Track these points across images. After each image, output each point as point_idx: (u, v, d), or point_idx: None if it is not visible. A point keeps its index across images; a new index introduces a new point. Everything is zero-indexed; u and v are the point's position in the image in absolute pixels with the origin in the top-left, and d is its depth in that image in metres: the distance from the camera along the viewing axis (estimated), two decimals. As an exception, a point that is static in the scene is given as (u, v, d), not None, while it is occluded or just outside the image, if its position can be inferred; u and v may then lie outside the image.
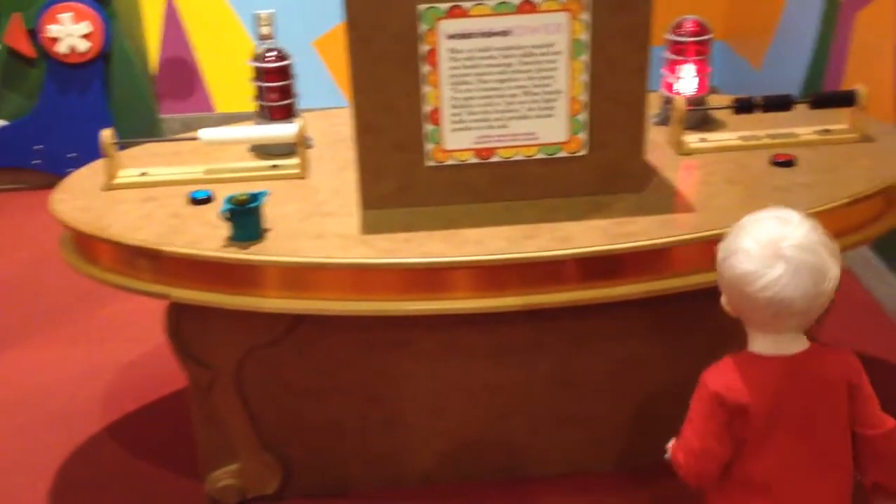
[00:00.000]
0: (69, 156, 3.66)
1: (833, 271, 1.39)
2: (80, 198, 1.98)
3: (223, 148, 2.14)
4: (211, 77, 4.18)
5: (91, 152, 2.08)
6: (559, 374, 2.03)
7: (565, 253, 1.74)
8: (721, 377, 1.45)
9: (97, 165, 2.08)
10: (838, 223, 1.87)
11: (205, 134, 2.03)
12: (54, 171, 3.71)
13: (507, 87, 1.84)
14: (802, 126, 2.15)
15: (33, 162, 3.75)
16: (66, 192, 2.01)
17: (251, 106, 2.18)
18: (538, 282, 1.76)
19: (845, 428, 1.47)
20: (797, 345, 1.45)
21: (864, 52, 2.94)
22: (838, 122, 2.15)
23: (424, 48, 1.79)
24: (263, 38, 2.17)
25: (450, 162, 1.89)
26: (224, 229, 1.79)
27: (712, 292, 1.73)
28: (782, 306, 1.37)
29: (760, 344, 1.46)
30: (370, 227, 1.85)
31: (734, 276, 1.39)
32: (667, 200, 1.90)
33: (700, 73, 2.19)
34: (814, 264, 1.36)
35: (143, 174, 2.06)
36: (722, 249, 1.44)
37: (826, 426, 1.46)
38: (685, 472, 1.49)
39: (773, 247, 1.36)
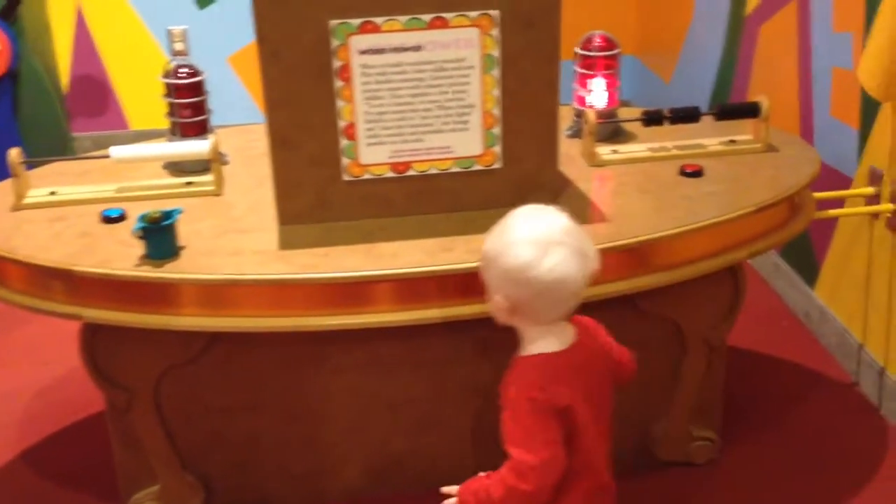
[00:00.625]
0: (-23, 176, 3.57)
1: (594, 251, 1.51)
2: (-13, 218, 1.93)
3: (135, 166, 2.11)
4: (124, 94, 4.11)
5: (0, 172, 2.04)
6: (479, 384, 2.04)
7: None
8: (539, 385, 1.49)
9: (5, 185, 2.03)
10: (746, 230, 1.94)
11: (116, 151, 2.00)
12: (-39, 193, 3.61)
13: (420, 101, 1.86)
14: (709, 137, 2.22)
15: (-61, 183, 3.64)
16: (-28, 213, 1.96)
17: (167, 123, 2.15)
18: (456, 293, 1.78)
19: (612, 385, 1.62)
20: (570, 329, 1.56)
21: (767, 65, 3.05)
22: (743, 132, 2.23)
23: (337, 63, 1.80)
24: (177, 54, 2.15)
25: (366, 176, 1.90)
26: (138, 248, 1.76)
27: (630, 300, 1.78)
28: (565, 287, 1.46)
29: (543, 343, 1.53)
30: (287, 242, 1.85)
31: (515, 266, 1.45)
32: (581, 211, 1.94)
33: (610, 86, 2.24)
34: (583, 246, 1.48)
35: (53, 193, 2.02)
36: (492, 248, 1.51)
37: (605, 391, 1.60)
38: (524, 496, 1.48)
39: (548, 234, 1.46)
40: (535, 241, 1.45)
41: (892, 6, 2.10)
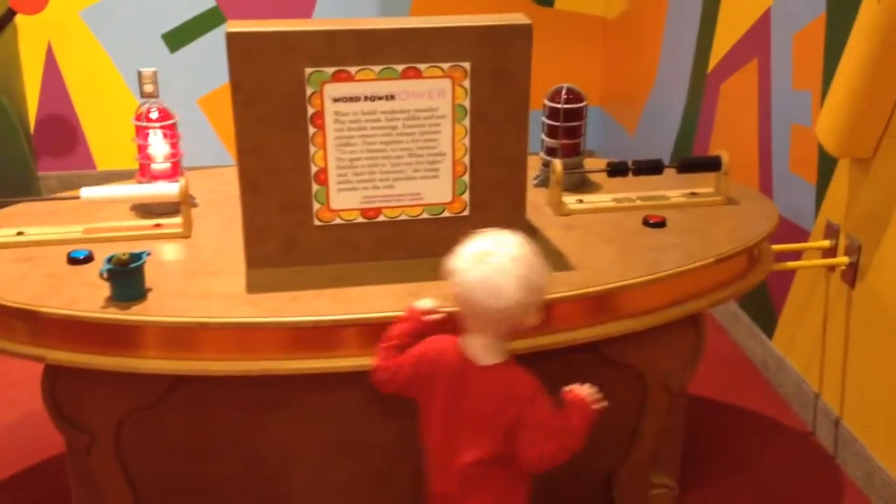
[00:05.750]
0: (-61, 213, 3.53)
1: (512, 296, 1.59)
2: (-48, 257, 1.92)
3: (104, 207, 2.11)
4: (91, 134, 4.10)
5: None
6: (444, 430, 2.04)
7: (451, 309, 1.78)
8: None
9: (-29, 224, 2.02)
10: (706, 280, 1.98)
11: (87, 192, 2.00)
12: (-78, 229, 3.57)
13: (392, 148, 1.89)
14: (672, 189, 2.27)
15: None
16: (-63, 251, 1.95)
17: (134, 164, 2.16)
18: (424, 339, 1.79)
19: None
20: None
21: (728, 120, 3.12)
22: (705, 185, 2.28)
23: (311, 110, 1.82)
24: (147, 95, 2.17)
25: (336, 221, 1.91)
26: (104, 289, 1.76)
27: (595, 347, 1.79)
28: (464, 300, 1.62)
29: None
30: (255, 286, 1.85)
31: (450, 270, 1.63)
32: (548, 259, 1.96)
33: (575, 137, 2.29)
34: (499, 281, 1.58)
35: (20, 233, 2.01)
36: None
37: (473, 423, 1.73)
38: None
39: (479, 256, 1.60)
40: (467, 258, 1.61)
41: (849, 66, 2.17)
